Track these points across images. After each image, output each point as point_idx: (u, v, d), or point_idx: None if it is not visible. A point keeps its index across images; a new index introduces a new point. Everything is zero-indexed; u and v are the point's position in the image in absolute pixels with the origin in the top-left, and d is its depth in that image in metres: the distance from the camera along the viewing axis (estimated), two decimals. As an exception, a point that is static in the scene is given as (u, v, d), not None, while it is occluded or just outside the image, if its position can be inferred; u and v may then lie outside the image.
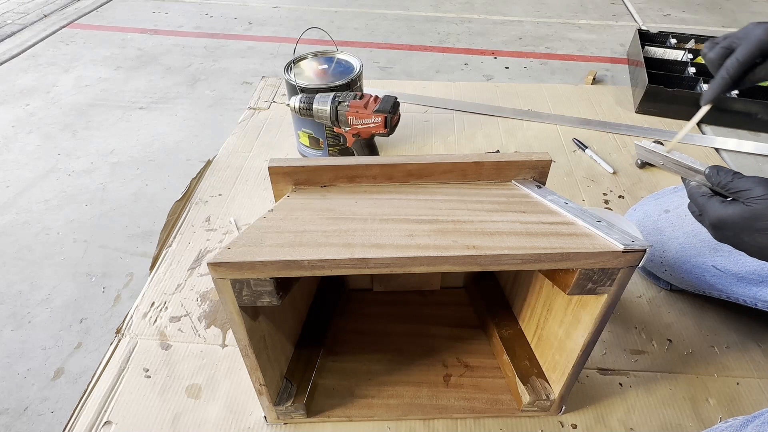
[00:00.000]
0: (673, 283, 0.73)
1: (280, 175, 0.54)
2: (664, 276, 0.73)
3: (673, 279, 0.71)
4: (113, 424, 0.59)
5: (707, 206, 0.46)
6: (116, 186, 0.97)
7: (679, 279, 0.70)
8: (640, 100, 1.14)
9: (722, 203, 0.45)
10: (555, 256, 0.41)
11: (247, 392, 0.62)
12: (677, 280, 0.71)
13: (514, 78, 1.34)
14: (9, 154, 1.06)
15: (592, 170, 0.99)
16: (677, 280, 0.71)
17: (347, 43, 1.52)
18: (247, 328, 0.46)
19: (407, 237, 0.43)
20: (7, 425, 0.61)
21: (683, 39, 1.34)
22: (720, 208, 0.44)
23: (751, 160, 1.02)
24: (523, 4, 1.81)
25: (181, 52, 1.46)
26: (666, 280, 0.74)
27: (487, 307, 0.68)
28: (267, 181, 0.94)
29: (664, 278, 0.73)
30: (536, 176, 0.56)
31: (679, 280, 0.70)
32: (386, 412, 0.59)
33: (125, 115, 1.18)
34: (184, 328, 0.70)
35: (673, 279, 0.71)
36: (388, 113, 0.80)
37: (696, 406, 0.62)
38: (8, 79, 1.32)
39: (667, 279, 0.73)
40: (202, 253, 0.81)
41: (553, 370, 0.57)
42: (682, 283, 0.71)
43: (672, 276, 0.71)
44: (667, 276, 0.72)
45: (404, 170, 0.54)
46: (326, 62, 0.96)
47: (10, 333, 0.71)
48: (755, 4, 1.81)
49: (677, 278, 0.70)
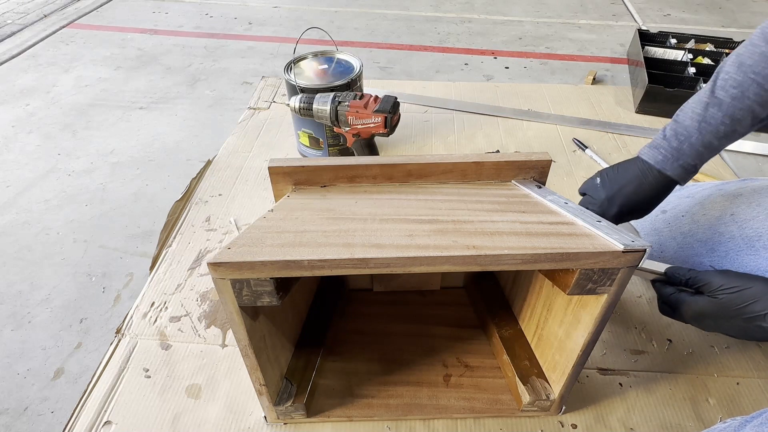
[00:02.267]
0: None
1: (280, 175, 0.54)
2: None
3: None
4: (113, 424, 0.59)
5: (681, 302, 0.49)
6: (116, 186, 0.97)
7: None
8: (640, 100, 1.14)
9: (693, 297, 0.49)
10: (555, 256, 0.41)
11: (247, 392, 0.62)
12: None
13: (514, 78, 1.34)
14: (9, 154, 1.06)
15: (592, 170, 0.99)
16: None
17: (347, 43, 1.52)
18: (247, 328, 0.46)
19: (407, 237, 0.43)
20: (7, 425, 0.61)
21: (683, 39, 1.34)
22: (693, 302, 0.48)
23: (751, 160, 1.02)
24: (523, 4, 1.81)
25: (181, 52, 1.46)
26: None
27: (487, 307, 0.68)
28: (267, 181, 0.94)
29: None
30: (536, 176, 0.56)
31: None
32: (386, 412, 0.59)
33: (125, 115, 1.18)
34: (184, 328, 0.70)
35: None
36: (388, 113, 0.80)
37: (696, 406, 0.62)
38: (8, 79, 1.33)
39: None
40: (202, 253, 0.81)
41: (553, 370, 0.57)
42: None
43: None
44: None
45: (404, 170, 0.54)
46: (326, 62, 0.96)
47: (10, 333, 0.71)
48: (755, 4, 1.81)
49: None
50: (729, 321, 0.46)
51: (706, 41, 1.33)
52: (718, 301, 0.46)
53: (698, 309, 0.48)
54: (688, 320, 0.50)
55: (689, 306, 0.48)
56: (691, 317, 0.49)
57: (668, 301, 0.51)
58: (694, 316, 0.49)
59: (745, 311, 0.45)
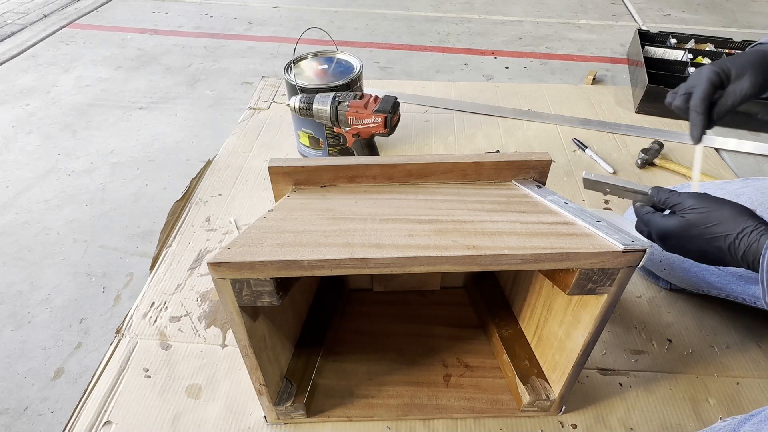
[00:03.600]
0: (673, 282, 0.73)
1: (280, 175, 0.54)
2: (664, 275, 0.73)
3: (673, 278, 0.71)
4: (113, 424, 0.59)
5: (651, 221, 0.51)
6: (116, 186, 0.97)
7: (679, 278, 0.70)
8: (640, 100, 1.14)
9: (662, 217, 0.50)
10: (555, 256, 0.41)
11: (247, 392, 0.62)
12: (676, 279, 0.71)
13: (514, 78, 1.34)
14: (9, 154, 1.06)
15: (592, 170, 0.99)
16: (676, 278, 0.71)
17: (347, 43, 1.52)
18: (247, 328, 0.46)
19: (407, 237, 0.43)
20: (7, 425, 0.61)
21: (683, 39, 1.34)
22: (661, 221, 0.50)
23: (751, 160, 1.02)
24: (523, 4, 1.81)
25: (181, 52, 1.46)
26: (665, 279, 0.74)
27: (487, 307, 0.68)
28: (267, 181, 0.94)
29: (664, 277, 0.73)
30: (536, 176, 0.56)
31: (679, 278, 0.70)
32: (386, 412, 0.59)
33: (125, 115, 1.18)
34: (184, 328, 0.70)
35: (672, 278, 0.72)
36: (388, 113, 0.80)
37: (696, 406, 0.62)
38: (8, 79, 1.32)
39: (667, 278, 0.73)
40: (202, 253, 0.81)
41: (553, 370, 0.57)
42: (681, 282, 0.71)
43: (671, 275, 0.71)
44: (667, 275, 0.72)
45: (404, 170, 0.54)
46: (326, 62, 0.96)
47: (10, 333, 0.71)
48: (755, 4, 1.81)
49: (676, 277, 0.70)
50: (691, 241, 0.47)
51: (706, 41, 1.33)
52: (684, 220, 0.47)
53: (665, 227, 0.49)
54: (655, 239, 0.51)
55: (657, 224, 0.50)
56: (657, 235, 0.51)
57: (642, 219, 0.52)
58: (660, 235, 0.50)
59: (707, 231, 0.46)
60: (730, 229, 0.45)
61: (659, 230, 0.50)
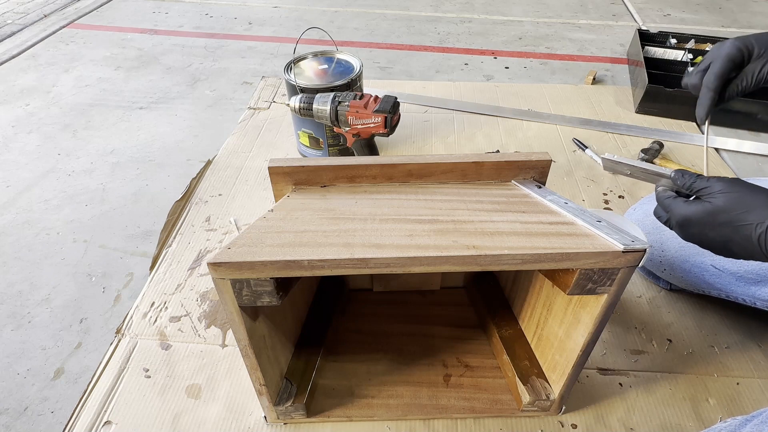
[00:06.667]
0: (673, 283, 0.73)
1: (280, 175, 0.54)
2: (664, 275, 0.73)
3: (673, 278, 0.71)
4: (113, 424, 0.59)
5: (672, 206, 0.47)
6: (116, 186, 0.97)
7: (679, 278, 0.70)
8: (640, 100, 1.14)
9: (686, 202, 0.46)
10: (555, 256, 0.41)
11: (247, 392, 0.62)
12: (677, 280, 0.71)
13: (514, 78, 1.34)
14: (9, 154, 1.06)
15: (592, 170, 0.99)
16: (677, 279, 0.71)
17: (347, 43, 1.52)
18: (247, 328, 0.46)
19: (407, 237, 0.43)
20: (7, 425, 0.61)
21: (683, 39, 1.34)
22: (684, 207, 0.46)
23: (751, 160, 1.02)
24: (523, 4, 1.81)
25: (181, 52, 1.46)
26: (665, 279, 0.74)
27: (487, 307, 0.68)
28: (267, 181, 0.94)
29: (664, 277, 0.73)
30: (536, 176, 0.56)
31: (679, 279, 0.70)
32: (386, 412, 0.59)
33: (125, 115, 1.18)
34: (184, 328, 0.70)
35: (672, 278, 0.72)
36: (388, 113, 0.80)
37: (696, 406, 0.62)
38: (8, 79, 1.32)
39: (667, 278, 0.73)
40: (202, 253, 0.81)
41: (553, 370, 0.57)
42: (681, 283, 0.71)
43: (671, 275, 0.71)
44: (667, 275, 0.72)
45: (404, 170, 0.54)
46: (326, 62, 0.96)
47: (10, 333, 0.71)
48: (755, 4, 1.81)
49: (677, 277, 0.70)
50: (715, 229, 0.44)
51: (706, 41, 1.33)
52: (711, 205, 0.44)
53: (688, 213, 0.45)
54: (674, 226, 0.48)
55: (679, 209, 0.46)
56: (677, 222, 0.47)
57: (663, 204, 0.49)
58: (681, 221, 0.46)
59: (737, 218, 0.42)
60: (762, 217, 0.41)
61: (681, 216, 0.46)
